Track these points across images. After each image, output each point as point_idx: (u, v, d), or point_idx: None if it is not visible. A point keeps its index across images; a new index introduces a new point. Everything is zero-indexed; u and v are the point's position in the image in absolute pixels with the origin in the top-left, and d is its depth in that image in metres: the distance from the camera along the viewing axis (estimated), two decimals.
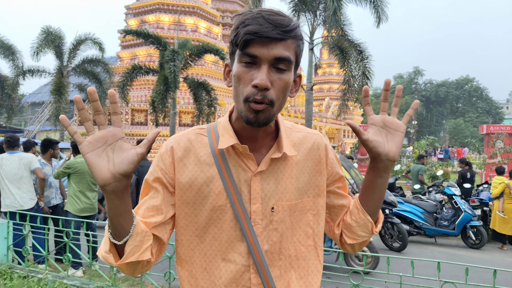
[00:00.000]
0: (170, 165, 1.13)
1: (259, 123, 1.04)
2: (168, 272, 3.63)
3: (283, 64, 1.02)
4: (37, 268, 4.75)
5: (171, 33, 22.80)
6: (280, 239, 1.12)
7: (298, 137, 1.20)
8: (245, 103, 1.03)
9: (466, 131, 48.07)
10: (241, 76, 1.03)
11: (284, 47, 1.01)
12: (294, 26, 1.03)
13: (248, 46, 1.00)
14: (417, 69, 61.79)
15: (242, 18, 1.03)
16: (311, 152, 1.19)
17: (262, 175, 1.11)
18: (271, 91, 1.02)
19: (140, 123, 21.24)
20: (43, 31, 18.42)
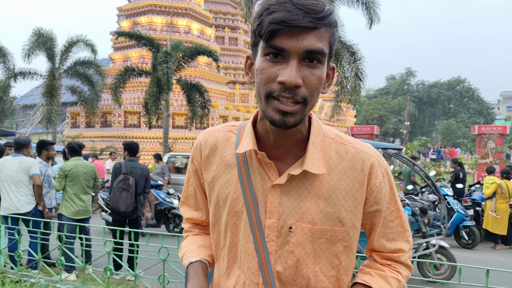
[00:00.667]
0: (199, 162, 1.11)
1: (286, 126, 0.90)
2: (162, 275, 3.61)
3: (316, 57, 0.88)
4: (30, 272, 4.70)
5: (163, 34, 22.74)
6: (297, 264, 0.99)
7: (338, 151, 1.01)
8: (269, 100, 0.90)
9: (458, 131, 48.43)
10: (265, 70, 0.89)
11: (316, 37, 0.87)
12: (329, 11, 0.88)
13: (275, 38, 0.86)
14: (409, 70, 62.15)
15: (267, 3, 0.88)
16: (352, 172, 0.99)
17: (282, 188, 0.98)
18: (302, 88, 0.88)
19: (133, 125, 21.14)
20: (34, 33, 18.27)
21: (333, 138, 1.03)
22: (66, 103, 28.24)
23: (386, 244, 1.06)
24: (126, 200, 5.53)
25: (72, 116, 22.97)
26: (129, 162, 5.72)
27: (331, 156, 1.00)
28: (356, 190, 0.99)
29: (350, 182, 0.99)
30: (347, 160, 1.00)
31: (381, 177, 1.01)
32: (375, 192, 1.01)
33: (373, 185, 1.00)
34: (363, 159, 1.00)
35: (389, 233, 1.06)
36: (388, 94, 59.64)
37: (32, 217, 5.14)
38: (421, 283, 3.03)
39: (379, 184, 1.01)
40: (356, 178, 0.99)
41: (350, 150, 1.01)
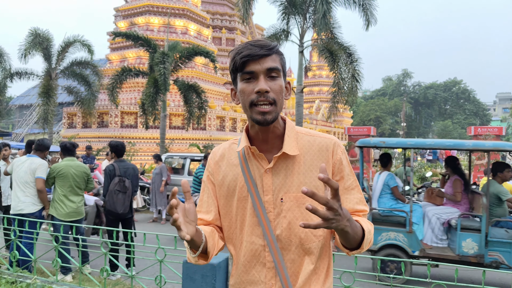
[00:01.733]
0: (212, 168, 1.49)
1: (267, 122, 1.30)
2: (159, 276, 3.61)
3: (275, 72, 1.31)
4: (26, 273, 4.68)
5: (161, 35, 22.73)
6: (290, 226, 1.35)
7: (308, 140, 1.41)
8: (252, 107, 1.31)
9: (454, 132, 48.64)
10: (245, 89, 1.32)
11: (271, 60, 1.31)
12: (274, 45, 1.33)
13: (245, 66, 1.30)
14: (405, 72, 62.41)
15: (235, 50, 1.33)
16: (320, 153, 1.39)
17: (272, 171, 1.37)
18: (271, 93, 1.29)
19: (130, 126, 21.10)
20: (31, 33, 18.21)
21: (304, 133, 1.43)
22: (62, 104, 28.18)
23: (355, 206, 1.41)
24: (123, 202, 5.54)
25: (69, 116, 22.91)
26: (120, 163, 5.71)
27: (304, 144, 1.40)
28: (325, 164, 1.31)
29: (319, 159, 1.38)
30: (316, 145, 1.40)
31: (340, 153, 1.40)
32: (338, 164, 1.39)
33: (336, 159, 1.39)
34: (327, 143, 1.40)
35: (353, 198, 1.41)
36: (385, 95, 59.84)
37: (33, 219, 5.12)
38: (417, 283, 3.05)
39: (340, 158, 1.40)
40: (324, 156, 1.39)
41: (317, 139, 1.41)
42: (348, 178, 1.41)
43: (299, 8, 15.16)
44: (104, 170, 5.74)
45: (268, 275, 1.36)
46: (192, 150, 18.54)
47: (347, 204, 1.40)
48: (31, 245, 4.95)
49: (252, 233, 1.38)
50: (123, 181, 5.56)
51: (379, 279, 3.66)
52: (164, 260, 3.60)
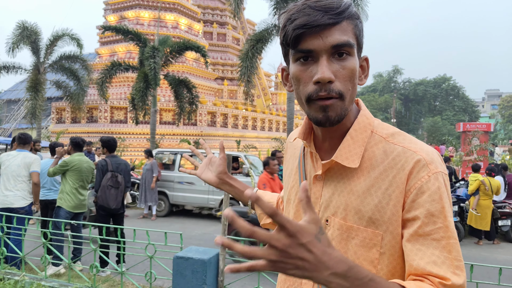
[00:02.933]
0: (285, 151, 1.26)
1: (331, 122, 0.92)
2: (149, 272, 3.59)
3: (344, 50, 0.91)
4: (14, 270, 4.63)
5: (151, 29, 22.54)
6: None
7: (385, 150, 0.95)
8: (309, 103, 0.93)
9: (444, 129, 49.09)
10: (300, 75, 0.93)
11: (340, 32, 0.90)
12: (347, 5, 0.92)
13: (300, 42, 0.91)
14: (396, 68, 62.77)
15: (288, 15, 0.93)
16: (391, 171, 0.92)
17: (325, 180, 1.00)
18: (336, 83, 0.90)
19: (119, 121, 20.94)
20: (18, 26, 17.94)
21: (384, 136, 0.97)
22: (51, 98, 27.85)
23: (426, 266, 0.83)
24: (116, 198, 5.57)
25: (58, 111, 22.65)
26: (112, 159, 5.72)
27: (376, 154, 0.95)
28: (392, 191, 0.90)
29: (388, 181, 0.91)
30: (390, 159, 0.93)
31: (425, 179, 0.88)
32: (413, 194, 0.88)
33: (411, 186, 0.88)
34: (406, 157, 0.91)
35: (431, 254, 0.84)
36: (375, 91, 60.17)
37: (24, 214, 5.09)
38: None
39: (421, 186, 0.87)
40: (395, 177, 0.91)
41: (397, 149, 0.94)
42: (433, 221, 0.85)
43: (291, 3, 15.14)
44: (96, 165, 5.72)
45: None
46: (183, 146, 18.46)
47: (417, 258, 0.85)
48: (19, 241, 4.91)
49: None
50: (115, 176, 5.59)
51: None
52: (154, 256, 3.58)
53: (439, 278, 0.82)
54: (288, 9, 0.95)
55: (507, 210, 8.39)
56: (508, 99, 63.76)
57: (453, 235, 0.86)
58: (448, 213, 0.87)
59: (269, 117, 28.20)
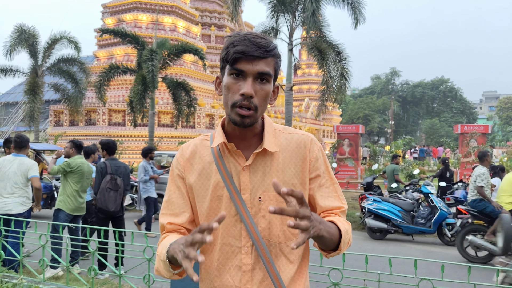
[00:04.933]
0: (182, 166, 1.39)
1: (244, 125, 1.26)
2: (147, 275, 3.59)
3: (265, 77, 1.25)
4: (12, 273, 4.62)
5: (149, 32, 22.56)
6: (269, 226, 1.29)
7: (286, 137, 1.37)
8: (233, 108, 1.24)
9: (442, 130, 49.19)
10: (231, 86, 1.25)
11: (265, 64, 1.24)
12: (273, 47, 1.26)
13: (237, 63, 1.22)
14: (394, 70, 62.90)
15: (232, 40, 1.25)
16: (297, 150, 1.35)
17: (250, 169, 1.30)
18: (255, 98, 1.24)
19: (117, 124, 20.92)
20: (16, 30, 17.94)
21: (281, 130, 1.39)
22: (49, 101, 27.80)
23: (329, 203, 1.36)
24: (115, 200, 5.55)
25: (56, 114, 22.62)
26: (112, 161, 5.70)
27: (282, 142, 1.35)
28: (302, 161, 1.34)
29: (297, 157, 1.34)
30: (293, 142, 1.36)
31: (317, 151, 1.37)
32: (313, 161, 1.35)
33: (311, 156, 1.35)
34: (304, 139, 1.37)
35: (328, 196, 1.37)
36: (373, 93, 60.26)
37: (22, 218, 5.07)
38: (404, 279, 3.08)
39: (316, 156, 1.36)
40: (301, 153, 1.35)
41: (294, 136, 1.37)
42: (324, 175, 1.37)
43: (288, 6, 15.17)
44: (96, 168, 5.71)
45: (244, 279, 1.27)
46: None
47: (322, 201, 1.36)
48: (17, 244, 4.89)
49: (228, 235, 1.29)
50: (114, 179, 5.57)
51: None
52: (153, 258, 3.58)
53: (338, 209, 1.37)
54: (232, 36, 1.27)
55: None
56: (506, 101, 63.95)
57: (336, 182, 1.41)
58: (330, 170, 1.40)
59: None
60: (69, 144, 5.75)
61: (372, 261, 6.75)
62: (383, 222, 8.28)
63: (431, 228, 8.03)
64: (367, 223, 8.38)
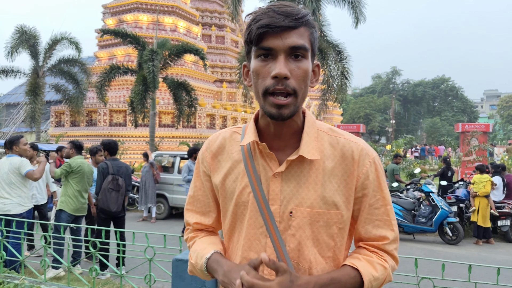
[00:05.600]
0: (208, 163, 1.21)
1: (283, 117, 1.03)
2: (148, 275, 3.59)
3: (299, 52, 1.02)
4: (13, 273, 4.63)
5: (149, 32, 22.56)
6: (299, 247, 1.08)
7: (330, 142, 1.12)
8: (265, 96, 1.02)
9: (443, 129, 49.11)
10: (259, 70, 1.03)
11: (297, 36, 1.02)
12: (305, 13, 1.04)
13: (263, 40, 1.01)
14: (394, 69, 62.81)
15: (253, 16, 1.04)
16: (342, 160, 1.10)
17: (283, 176, 1.09)
18: (291, 80, 1.01)
19: (118, 124, 20.93)
20: (17, 31, 17.96)
21: (326, 131, 1.14)
22: (50, 102, 27.84)
23: (371, 230, 1.12)
24: (117, 201, 5.57)
25: (57, 115, 22.65)
26: (113, 162, 5.71)
27: (325, 147, 1.11)
28: (347, 176, 1.09)
29: (342, 169, 1.09)
30: (339, 149, 1.11)
31: (368, 165, 1.11)
32: (362, 179, 1.10)
33: (361, 172, 1.10)
34: (352, 148, 1.11)
35: (375, 219, 1.12)
36: (374, 92, 60.19)
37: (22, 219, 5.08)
38: (405, 278, 3.08)
39: (366, 171, 1.10)
40: (347, 165, 1.09)
41: (341, 141, 1.12)
42: (375, 193, 1.12)
43: None
44: (97, 168, 5.73)
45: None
46: (182, 149, 18.46)
47: (366, 228, 1.13)
48: (18, 245, 4.90)
49: (250, 248, 1.11)
50: (116, 179, 5.59)
51: None
52: (154, 258, 3.58)
53: (383, 240, 1.12)
54: (253, 12, 1.05)
55: (506, 210, 8.40)
56: (507, 100, 63.81)
57: (390, 202, 1.14)
58: (384, 187, 1.13)
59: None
60: (69, 145, 5.77)
61: None
62: None
63: (432, 227, 8.03)
64: None
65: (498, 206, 8.51)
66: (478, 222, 8.26)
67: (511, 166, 16.13)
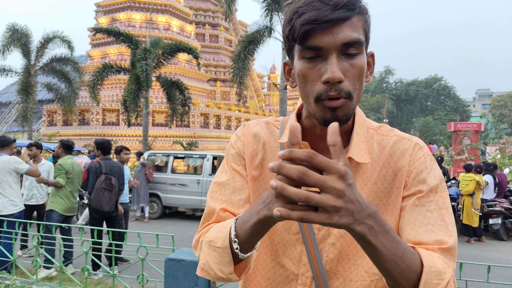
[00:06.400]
0: (242, 157, 1.05)
1: (339, 121, 0.87)
2: (141, 275, 3.58)
3: (354, 48, 0.86)
4: (5, 274, 4.59)
5: (143, 31, 22.47)
6: (338, 257, 0.96)
7: (380, 141, 0.99)
8: (318, 102, 0.88)
9: (435, 128, 49.43)
10: (307, 73, 0.88)
11: (350, 28, 0.85)
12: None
13: (309, 38, 0.85)
14: (387, 69, 63.13)
15: (294, 7, 0.86)
16: (390, 159, 0.97)
17: None
18: (345, 82, 0.86)
19: (111, 123, 20.84)
20: (8, 29, 17.81)
21: (375, 129, 1.01)
22: (42, 101, 27.64)
23: (424, 234, 0.89)
24: (109, 200, 5.56)
25: (49, 114, 22.49)
26: (106, 161, 5.69)
27: (374, 147, 0.98)
28: (395, 175, 0.96)
29: (388, 168, 0.96)
30: (388, 148, 0.98)
31: (422, 160, 0.95)
32: (414, 173, 0.94)
33: (412, 166, 0.95)
34: (403, 144, 0.98)
35: (427, 223, 0.90)
36: (367, 92, 60.46)
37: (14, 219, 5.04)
38: None
39: (419, 166, 0.95)
40: (396, 162, 0.96)
41: (392, 139, 0.99)
42: (429, 194, 0.92)
43: (282, 5, 15.18)
44: (90, 168, 5.70)
45: None
46: (176, 148, 18.41)
47: (413, 229, 0.90)
48: (10, 245, 4.87)
49: (285, 254, 0.99)
50: (109, 179, 5.58)
51: None
52: (146, 258, 3.57)
53: (436, 244, 0.87)
54: (294, 1, 0.88)
55: (497, 208, 8.48)
56: (499, 99, 64.39)
57: (448, 206, 0.93)
58: (442, 187, 0.95)
59: (262, 118, 28.21)
60: (58, 145, 5.74)
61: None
62: None
63: None
64: None
65: (490, 204, 8.59)
66: (464, 221, 8.34)
67: (502, 165, 16.29)
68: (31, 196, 6.29)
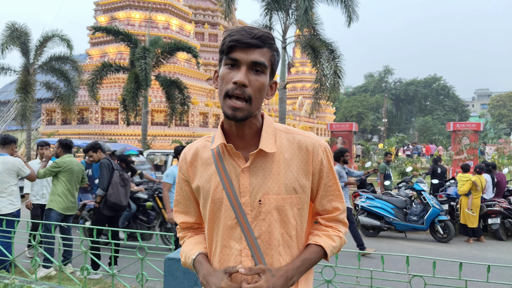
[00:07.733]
0: (186, 170, 1.41)
1: (236, 119, 1.23)
2: (140, 274, 3.58)
3: (260, 67, 1.23)
4: (4, 273, 4.58)
5: (142, 30, 22.44)
6: (269, 229, 1.29)
7: (287, 138, 1.34)
8: (225, 98, 1.23)
9: (434, 128, 49.47)
10: (224, 76, 1.24)
11: (260, 54, 1.23)
12: (269, 38, 1.26)
13: (231, 52, 1.22)
14: (387, 68, 63.13)
15: (229, 32, 1.25)
16: (299, 152, 1.32)
17: (250, 170, 1.29)
18: (249, 88, 1.22)
19: (110, 122, 20.81)
20: (7, 27, 17.76)
21: (283, 130, 1.36)
22: (41, 100, 27.57)
23: (326, 204, 1.39)
24: (126, 195, 5.67)
25: (48, 112, 22.45)
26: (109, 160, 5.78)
27: (283, 143, 1.33)
28: (304, 165, 1.32)
29: (299, 159, 1.32)
30: (295, 144, 1.33)
31: (321, 154, 1.34)
32: (318, 165, 1.34)
33: (316, 160, 1.33)
34: (306, 142, 1.33)
35: (329, 195, 1.38)
36: (367, 91, 60.45)
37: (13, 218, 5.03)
38: (396, 276, 3.10)
39: (321, 159, 1.34)
40: (304, 156, 1.32)
41: (296, 137, 1.34)
42: (328, 174, 1.37)
43: (282, 4, 15.16)
44: (102, 163, 5.70)
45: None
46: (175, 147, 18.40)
47: (321, 203, 1.39)
48: (9, 244, 4.85)
49: (228, 237, 1.31)
50: (122, 174, 5.64)
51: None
52: (146, 257, 3.57)
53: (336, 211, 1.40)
54: (231, 29, 1.27)
55: (496, 208, 8.48)
56: (498, 99, 64.43)
57: (338, 180, 1.40)
58: (333, 168, 1.39)
59: None
60: (56, 144, 5.71)
61: (365, 258, 6.80)
62: (376, 219, 8.32)
63: (423, 225, 8.08)
64: (360, 220, 8.41)
65: (489, 204, 8.59)
66: (461, 220, 8.35)
67: (501, 165, 16.30)
68: (41, 195, 6.27)
